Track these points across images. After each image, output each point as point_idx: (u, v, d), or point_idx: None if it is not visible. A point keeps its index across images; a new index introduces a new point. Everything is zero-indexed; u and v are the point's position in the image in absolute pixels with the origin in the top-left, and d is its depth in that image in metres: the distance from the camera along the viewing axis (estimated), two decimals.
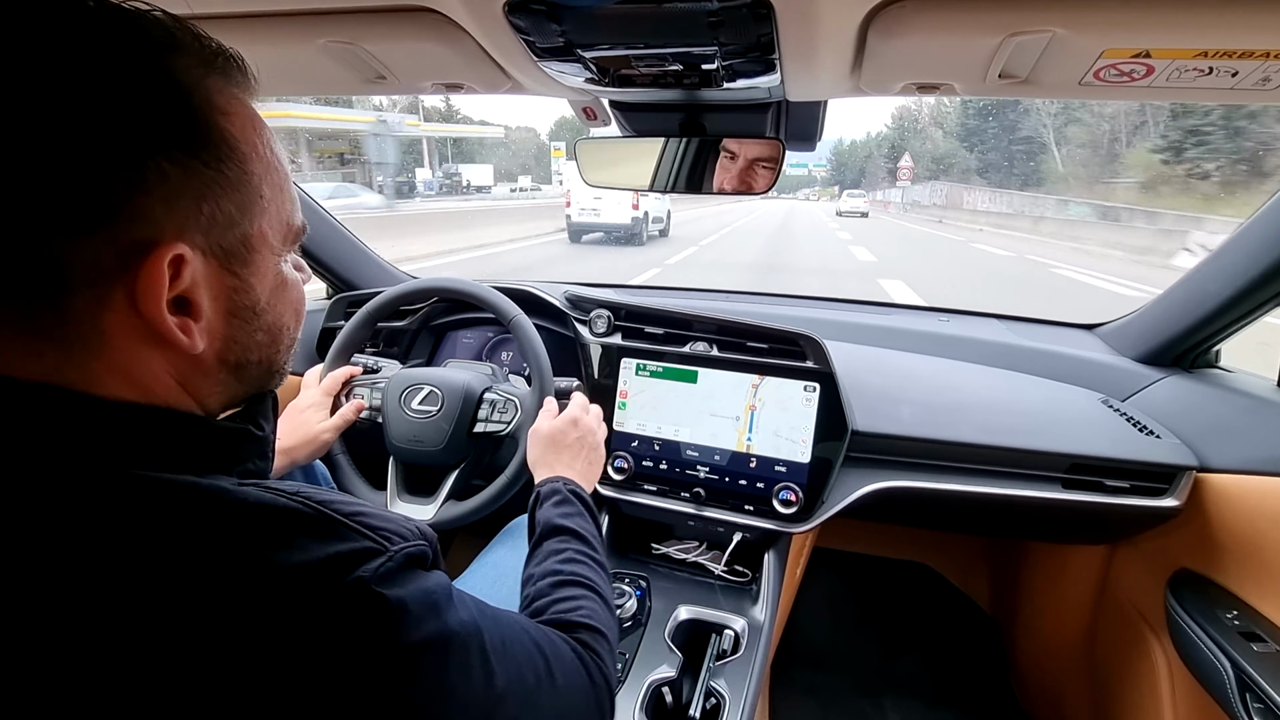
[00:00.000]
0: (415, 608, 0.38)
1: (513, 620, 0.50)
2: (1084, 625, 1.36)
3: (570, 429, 0.96)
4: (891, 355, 1.41)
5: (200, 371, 0.41)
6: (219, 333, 0.41)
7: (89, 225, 0.34)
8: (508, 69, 0.78)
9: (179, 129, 0.36)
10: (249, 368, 0.44)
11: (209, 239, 0.38)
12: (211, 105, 0.38)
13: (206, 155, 0.37)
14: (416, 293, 1.22)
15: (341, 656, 0.35)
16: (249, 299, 0.42)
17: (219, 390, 0.43)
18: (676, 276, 8.91)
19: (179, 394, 0.40)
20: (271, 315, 0.44)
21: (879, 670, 1.69)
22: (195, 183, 0.37)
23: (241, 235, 0.40)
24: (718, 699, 0.90)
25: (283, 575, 0.34)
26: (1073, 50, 0.61)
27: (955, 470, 1.10)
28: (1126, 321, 1.38)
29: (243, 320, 0.42)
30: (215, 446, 0.41)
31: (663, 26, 0.65)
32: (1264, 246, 0.99)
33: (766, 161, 0.95)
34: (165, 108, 0.36)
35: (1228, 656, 0.89)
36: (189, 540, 0.34)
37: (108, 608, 0.31)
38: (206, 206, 0.38)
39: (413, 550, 0.40)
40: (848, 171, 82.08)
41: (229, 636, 0.33)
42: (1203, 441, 1.05)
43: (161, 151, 0.35)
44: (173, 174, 0.36)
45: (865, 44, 0.65)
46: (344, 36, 0.72)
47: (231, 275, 0.40)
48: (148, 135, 0.35)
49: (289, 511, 0.37)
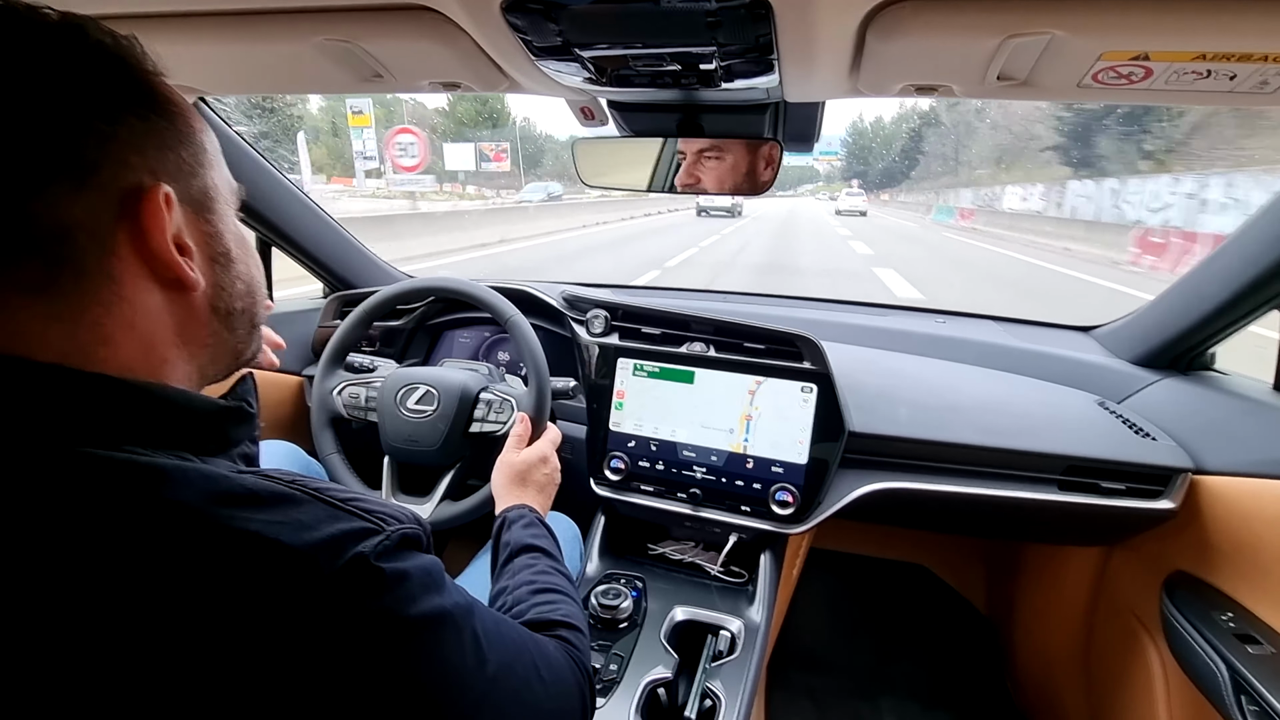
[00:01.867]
0: (413, 583, 0.40)
1: (500, 615, 0.52)
2: (1080, 627, 1.36)
3: (540, 465, 0.94)
4: (888, 356, 1.41)
5: (196, 321, 0.44)
6: (207, 279, 0.44)
7: (81, 174, 0.37)
8: (505, 68, 0.78)
9: (127, 88, 0.41)
10: (235, 316, 0.48)
11: (179, 186, 0.42)
12: (144, 69, 0.42)
13: (156, 110, 0.42)
14: (413, 292, 1.22)
15: (343, 630, 0.36)
16: (222, 245, 0.46)
17: (211, 342, 0.46)
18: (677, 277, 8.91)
19: (177, 350, 0.43)
20: (242, 265, 0.48)
21: (875, 671, 1.69)
22: (154, 134, 0.42)
23: (202, 186, 0.45)
24: (713, 700, 0.90)
25: (281, 554, 0.35)
26: (1071, 52, 0.61)
27: (952, 472, 1.10)
28: (1122, 324, 1.38)
29: (222, 267, 0.46)
30: (212, 426, 0.43)
31: (661, 26, 0.65)
32: (1260, 249, 0.99)
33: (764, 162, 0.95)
34: (110, 71, 0.40)
35: (1223, 659, 0.89)
36: (185, 522, 0.35)
37: (112, 593, 0.32)
38: (171, 155, 0.42)
39: (408, 531, 0.42)
40: (871, 160, 66.85)
41: (232, 616, 0.34)
42: (1198, 444, 1.06)
43: (123, 107, 0.40)
44: (134, 125, 0.40)
45: (864, 45, 0.64)
46: (340, 34, 0.72)
47: (204, 222, 0.45)
48: (104, 93, 0.39)
49: (285, 495, 0.38)
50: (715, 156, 0.97)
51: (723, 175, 0.97)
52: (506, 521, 0.82)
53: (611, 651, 0.95)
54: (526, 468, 0.93)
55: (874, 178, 62.81)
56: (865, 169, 68.20)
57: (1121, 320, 1.39)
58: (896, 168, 55.99)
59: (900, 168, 54.21)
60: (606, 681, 0.91)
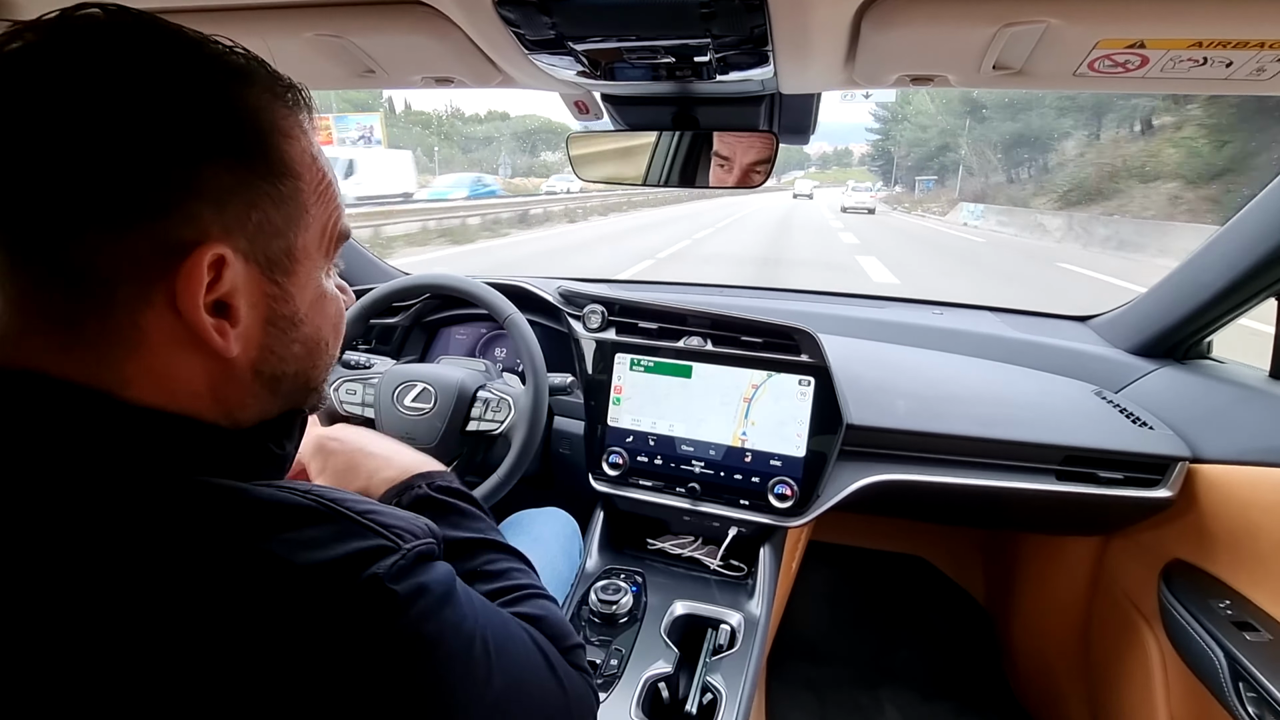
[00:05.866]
0: (427, 604, 0.39)
1: (511, 619, 0.51)
2: (1078, 616, 1.36)
3: (321, 458, 0.71)
4: (886, 349, 1.41)
5: (234, 380, 0.41)
6: (255, 340, 0.41)
7: (133, 220, 0.35)
8: (498, 62, 0.78)
9: (236, 141, 0.38)
10: (284, 380, 0.44)
11: (254, 245, 0.39)
12: (274, 128, 0.40)
13: (262, 169, 0.39)
14: (410, 289, 1.21)
15: (356, 652, 0.35)
16: (288, 308, 0.43)
17: (252, 403, 0.43)
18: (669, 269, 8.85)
19: (209, 403, 0.41)
20: (309, 327, 0.45)
21: (875, 663, 1.70)
22: (246, 192, 0.39)
23: (284, 246, 0.41)
24: (714, 694, 0.90)
25: (298, 573, 0.35)
26: (1067, 41, 0.61)
27: (950, 463, 1.10)
28: (1119, 313, 1.38)
29: (280, 330, 0.43)
30: (230, 458, 0.41)
31: (655, 18, 0.64)
32: (1257, 237, 1.00)
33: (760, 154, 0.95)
34: (223, 121, 0.38)
35: (1220, 646, 0.90)
36: (204, 537, 0.34)
37: (125, 605, 0.32)
38: (255, 214, 0.39)
39: (423, 548, 0.41)
40: (916, 153, 41.25)
41: (244, 633, 0.33)
42: (1195, 432, 1.06)
43: (216, 158, 0.37)
44: (225, 180, 0.37)
45: (859, 35, 0.64)
46: (332, 29, 0.72)
47: (272, 283, 0.41)
48: (201, 142, 0.37)
49: (303, 509, 0.37)
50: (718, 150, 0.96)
51: (726, 168, 0.97)
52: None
53: (612, 647, 0.95)
54: (337, 461, 0.69)
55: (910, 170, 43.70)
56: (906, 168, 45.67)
57: (1118, 310, 1.39)
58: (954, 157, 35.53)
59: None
60: (607, 677, 0.91)
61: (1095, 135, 25.17)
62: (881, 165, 56.45)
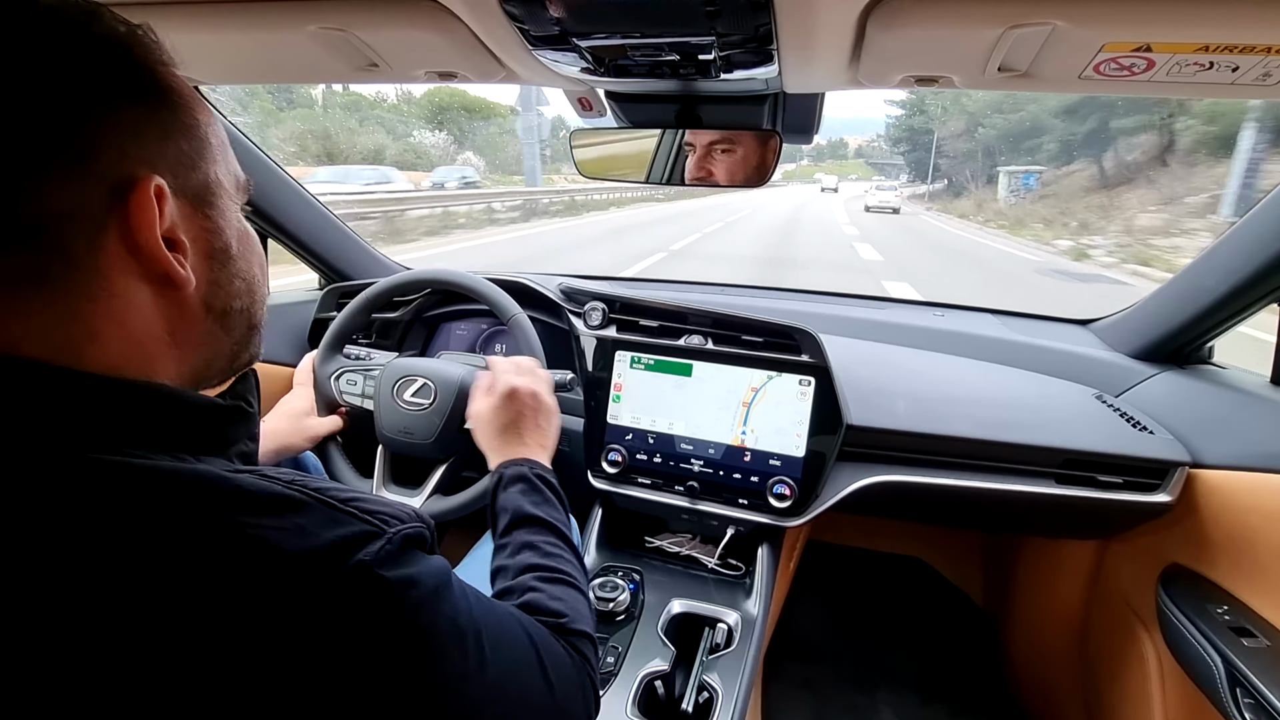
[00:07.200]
0: (417, 591, 0.39)
1: (508, 613, 0.51)
2: (1076, 620, 1.36)
3: (507, 405, 0.86)
4: (887, 350, 1.41)
5: (189, 319, 0.43)
6: (202, 275, 0.43)
7: (75, 161, 0.36)
8: (502, 58, 0.78)
9: (130, 77, 0.40)
10: (232, 315, 0.46)
11: (176, 179, 0.41)
12: (151, 58, 0.41)
13: (157, 101, 0.41)
14: (411, 283, 1.21)
15: (345, 641, 0.35)
16: (220, 241, 0.45)
17: (207, 342, 0.45)
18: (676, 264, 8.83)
19: (168, 346, 0.42)
20: (243, 262, 0.47)
21: (872, 664, 1.70)
22: (155, 124, 0.40)
23: (202, 179, 0.43)
24: (710, 692, 0.90)
25: (284, 561, 0.35)
26: (1073, 43, 0.60)
27: (949, 465, 1.10)
28: (1121, 317, 1.38)
29: (220, 264, 0.45)
30: (209, 425, 0.42)
31: (659, 15, 0.64)
32: (1259, 243, 0.99)
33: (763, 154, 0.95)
34: (113, 59, 0.39)
35: (1218, 651, 0.89)
36: (187, 529, 0.34)
37: (108, 599, 0.32)
38: (170, 146, 0.41)
39: (410, 532, 0.41)
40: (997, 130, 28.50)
41: (231, 624, 0.33)
42: (1196, 437, 1.06)
43: (122, 94, 0.39)
44: (134, 115, 0.39)
45: (864, 35, 0.64)
46: (335, 23, 0.71)
47: (202, 217, 0.43)
48: (105, 81, 0.38)
49: (286, 498, 0.37)
50: (725, 150, 0.96)
51: (732, 169, 0.97)
52: (502, 480, 0.76)
53: (609, 644, 0.95)
54: (494, 416, 0.85)
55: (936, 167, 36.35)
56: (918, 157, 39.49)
57: (1120, 314, 1.39)
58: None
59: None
60: (604, 674, 0.91)
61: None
62: (907, 153, 46.04)
